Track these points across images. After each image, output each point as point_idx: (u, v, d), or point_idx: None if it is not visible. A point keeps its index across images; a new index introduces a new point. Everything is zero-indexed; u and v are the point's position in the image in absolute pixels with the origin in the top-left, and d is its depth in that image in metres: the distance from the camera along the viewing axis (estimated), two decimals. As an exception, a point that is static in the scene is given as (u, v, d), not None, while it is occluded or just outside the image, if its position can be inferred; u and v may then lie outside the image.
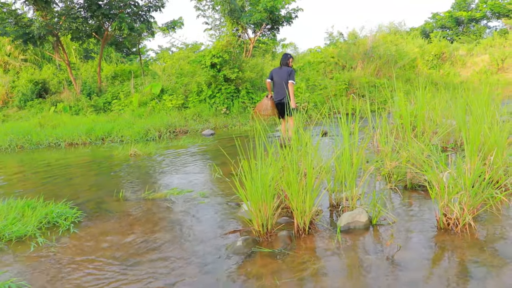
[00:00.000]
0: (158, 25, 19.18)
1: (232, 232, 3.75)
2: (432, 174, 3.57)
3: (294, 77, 8.04)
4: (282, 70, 8.15)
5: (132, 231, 3.99)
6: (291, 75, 8.02)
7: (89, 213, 4.62)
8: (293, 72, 8.08)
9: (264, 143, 3.79)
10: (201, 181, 5.83)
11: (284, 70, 8.11)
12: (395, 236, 3.44)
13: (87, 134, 10.82)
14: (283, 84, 8.03)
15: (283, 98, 8.10)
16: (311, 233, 3.62)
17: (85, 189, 5.80)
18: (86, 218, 4.47)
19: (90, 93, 16.24)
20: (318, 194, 3.84)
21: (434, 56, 24.07)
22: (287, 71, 8.06)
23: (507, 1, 32.87)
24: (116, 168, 7.06)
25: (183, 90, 15.16)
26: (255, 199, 3.48)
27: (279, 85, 8.14)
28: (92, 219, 4.44)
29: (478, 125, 4.37)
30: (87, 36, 16.62)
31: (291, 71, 8.08)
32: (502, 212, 3.79)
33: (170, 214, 4.43)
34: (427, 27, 38.41)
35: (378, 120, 6.10)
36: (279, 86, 8.13)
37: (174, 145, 9.18)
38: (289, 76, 8.02)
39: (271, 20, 16.46)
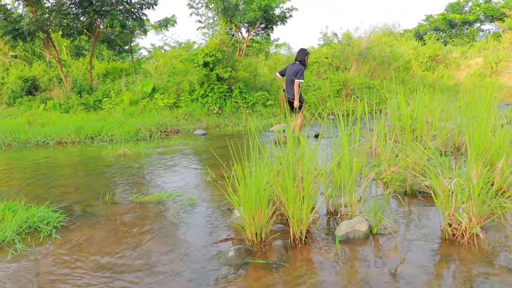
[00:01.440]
0: (150, 23, 18.91)
1: (224, 241, 3.53)
2: (436, 181, 3.38)
3: (301, 76, 7.97)
4: (293, 67, 8.11)
5: (118, 237, 3.77)
6: (298, 73, 7.95)
7: (73, 217, 4.38)
8: (301, 70, 7.99)
9: (258, 145, 3.59)
10: (192, 183, 5.61)
11: (294, 67, 8.09)
12: (397, 247, 3.24)
13: (76, 133, 10.55)
14: (291, 81, 8.08)
15: (291, 95, 8.17)
16: (307, 242, 3.41)
17: (71, 191, 5.55)
18: (70, 222, 4.23)
19: (81, 91, 15.96)
20: (315, 201, 3.64)
21: (428, 58, 23.98)
22: (296, 69, 8.01)
23: (500, 5, 33.00)
24: (104, 169, 6.82)
25: (175, 89, 14.92)
26: (249, 205, 3.27)
27: (288, 82, 8.23)
28: (76, 223, 4.20)
29: (483, 129, 4.20)
30: (78, 33, 16.32)
31: (299, 68, 7.99)
32: (510, 223, 3.61)
33: (159, 220, 4.20)
34: (421, 29, 38.44)
35: (376, 122, 5.93)
36: (288, 83, 8.24)
37: (165, 145, 8.95)
38: (297, 74, 7.96)
39: (265, 19, 16.26)
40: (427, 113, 6.61)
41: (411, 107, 6.39)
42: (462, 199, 3.19)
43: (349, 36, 21.04)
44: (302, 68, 8.05)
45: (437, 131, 6.39)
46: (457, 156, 6.04)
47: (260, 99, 14.30)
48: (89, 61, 16.69)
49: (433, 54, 24.11)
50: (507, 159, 3.92)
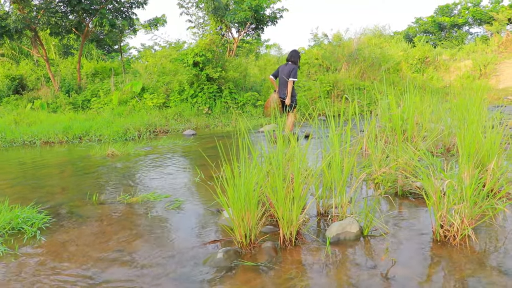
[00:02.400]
0: (140, 22, 18.78)
1: (212, 242, 3.46)
2: (428, 182, 3.34)
3: (295, 74, 8.15)
4: (286, 67, 8.28)
5: (104, 239, 3.68)
6: (292, 72, 8.12)
7: (59, 218, 4.28)
8: (295, 69, 8.16)
9: (248, 146, 3.52)
10: (180, 184, 5.53)
11: (288, 67, 8.27)
12: (389, 249, 3.19)
13: (64, 133, 10.42)
14: (285, 81, 8.23)
15: (284, 95, 8.33)
16: (298, 244, 3.34)
17: (57, 192, 5.44)
18: (56, 223, 4.13)
19: (69, 90, 15.79)
20: (306, 202, 3.58)
21: (418, 60, 24.08)
22: (289, 68, 8.22)
23: (488, 8, 33.31)
24: (91, 169, 6.72)
25: (164, 89, 14.82)
26: (238, 207, 3.20)
27: (282, 82, 8.37)
28: (61, 225, 4.11)
29: (474, 131, 4.18)
30: (67, 31, 16.14)
31: (293, 68, 8.16)
32: (501, 224, 3.58)
33: (147, 221, 4.12)
34: (411, 31, 38.65)
35: (367, 123, 5.89)
36: (282, 83, 8.38)
37: (154, 145, 8.85)
38: (290, 73, 8.12)
39: (256, 19, 16.20)
40: (417, 115, 6.58)
41: (401, 108, 6.36)
42: (454, 201, 3.15)
43: (340, 37, 21.09)
44: (295, 68, 8.19)
45: (427, 132, 6.37)
46: (448, 157, 6.02)
47: (250, 100, 14.25)
48: (78, 60, 16.52)
49: (422, 56, 24.22)
50: (498, 161, 3.89)
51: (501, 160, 4.31)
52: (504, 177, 3.99)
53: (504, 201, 3.73)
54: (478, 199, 3.23)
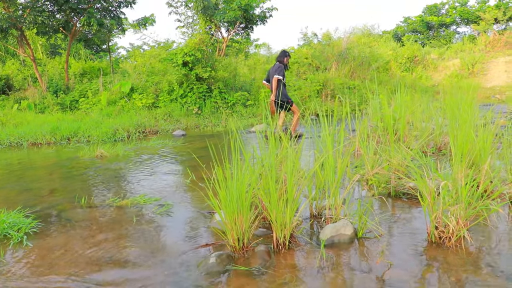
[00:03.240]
0: (129, 22, 18.64)
1: (204, 246, 3.40)
2: (422, 183, 3.30)
3: (280, 72, 8.30)
4: (273, 68, 8.52)
5: (93, 244, 3.59)
6: (277, 70, 8.31)
7: (47, 223, 4.18)
8: (280, 67, 8.34)
9: (239, 147, 3.46)
10: (171, 186, 5.45)
11: (274, 67, 8.54)
12: (384, 251, 3.15)
13: (52, 134, 10.28)
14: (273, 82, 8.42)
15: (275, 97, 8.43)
16: (291, 247, 3.29)
17: (45, 194, 5.34)
18: (44, 228, 4.03)
19: (57, 90, 15.62)
20: (299, 204, 3.53)
21: (407, 59, 24.21)
22: (274, 68, 8.42)
23: (475, 8, 33.63)
24: (80, 171, 6.62)
25: (153, 89, 14.71)
26: (230, 210, 3.13)
27: (272, 84, 8.52)
28: (49, 229, 4.01)
29: (466, 131, 4.16)
30: (54, 31, 15.96)
31: (278, 66, 8.36)
32: (495, 225, 3.56)
33: (137, 225, 4.04)
34: (399, 30, 38.86)
35: (358, 122, 5.86)
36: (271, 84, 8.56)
37: (144, 146, 8.76)
38: (275, 71, 8.31)
39: (245, 18, 16.16)
40: (408, 114, 6.57)
41: (393, 107, 6.34)
42: (450, 202, 3.12)
43: (329, 36, 21.09)
44: (280, 66, 8.36)
45: (418, 131, 6.36)
46: (439, 156, 6.01)
47: (240, 99, 14.19)
48: (66, 60, 16.36)
49: (411, 55, 24.35)
50: (491, 161, 3.87)
51: (493, 159, 4.30)
52: (497, 177, 3.97)
53: (498, 201, 3.70)
54: (473, 200, 3.20)
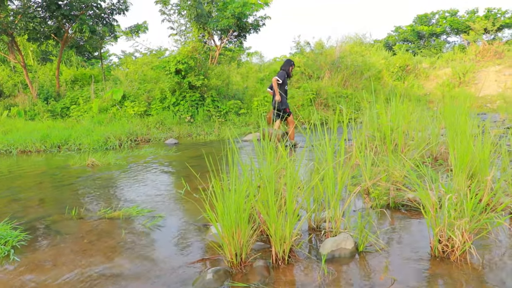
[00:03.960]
0: (121, 29, 18.53)
1: (201, 261, 3.28)
2: (425, 195, 3.21)
3: (280, 76, 8.60)
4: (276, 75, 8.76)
5: (84, 258, 3.46)
6: (278, 74, 8.65)
7: (35, 235, 4.04)
8: (280, 72, 8.67)
9: (236, 157, 3.36)
10: (164, 197, 5.33)
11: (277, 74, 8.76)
12: (387, 267, 3.05)
13: (42, 141, 10.13)
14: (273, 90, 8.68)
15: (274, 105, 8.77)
16: (291, 262, 3.18)
17: (34, 205, 5.19)
18: (32, 241, 3.88)
19: (48, 97, 15.45)
20: (299, 218, 3.43)
21: (399, 68, 24.27)
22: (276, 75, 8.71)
23: (464, 18, 34.01)
24: (71, 180, 6.48)
25: (145, 97, 14.58)
26: (228, 223, 3.02)
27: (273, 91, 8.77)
28: (38, 242, 3.87)
29: (466, 141, 4.09)
30: (46, 37, 15.81)
31: (280, 73, 8.70)
32: (499, 238, 3.48)
33: (129, 238, 3.91)
34: (390, 39, 39.11)
35: (355, 132, 5.79)
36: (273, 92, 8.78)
37: (136, 155, 8.62)
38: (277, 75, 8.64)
39: (238, 27, 16.11)
40: (405, 123, 6.51)
41: (389, 116, 6.28)
42: (454, 215, 3.03)
43: (322, 45, 21.10)
44: (283, 72, 8.68)
45: (413, 140, 6.30)
46: (435, 166, 5.94)
47: (233, 108, 14.10)
48: (57, 67, 16.20)
49: (403, 64, 24.43)
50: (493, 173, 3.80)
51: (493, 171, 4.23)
52: (500, 190, 3.90)
53: (503, 214, 3.63)
54: (476, 213, 3.12)
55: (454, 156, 4.18)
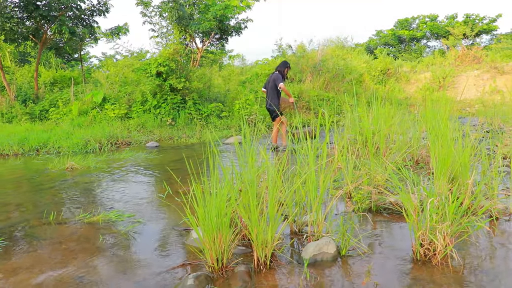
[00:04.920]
0: (101, 31, 18.33)
1: (181, 266, 3.23)
2: (406, 199, 3.21)
3: (280, 80, 8.72)
4: (272, 76, 8.90)
5: (62, 264, 3.38)
6: (278, 80, 8.69)
7: (12, 241, 3.94)
8: (279, 77, 8.75)
9: (217, 160, 3.32)
10: (144, 201, 5.25)
11: (273, 76, 8.89)
12: (370, 271, 3.03)
13: (20, 144, 9.93)
14: (271, 90, 8.81)
15: (268, 104, 8.94)
16: (273, 267, 3.15)
17: (11, 210, 5.07)
18: (8, 247, 3.79)
19: (26, 99, 15.19)
20: (281, 222, 3.40)
21: (380, 71, 24.47)
22: (274, 78, 8.81)
23: (444, 23, 34.57)
24: (49, 184, 6.35)
25: (126, 99, 14.43)
26: (209, 228, 2.98)
27: (268, 91, 8.93)
28: (14, 248, 3.77)
29: (447, 145, 4.12)
30: (24, 38, 15.53)
31: (277, 76, 8.77)
32: (480, 241, 3.50)
33: (109, 243, 3.84)
34: (372, 43, 39.51)
35: (337, 135, 5.79)
36: (268, 92, 8.94)
37: (116, 158, 8.51)
38: (276, 81, 8.71)
39: (220, 29, 16.06)
40: (386, 127, 6.54)
41: (371, 120, 6.30)
42: (436, 219, 3.04)
43: (303, 48, 21.15)
44: (280, 76, 8.77)
45: (395, 144, 6.33)
46: (417, 169, 5.98)
47: (215, 111, 14.05)
48: (35, 69, 15.94)
49: (384, 68, 24.64)
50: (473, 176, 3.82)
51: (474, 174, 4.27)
52: (480, 193, 3.93)
53: (483, 217, 3.66)
54: (457, 216, 3.13)
55: (435, 159, 4.20)
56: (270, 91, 8.85)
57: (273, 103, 8.79)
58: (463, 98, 22.38)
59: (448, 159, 4.04)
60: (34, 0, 13.89)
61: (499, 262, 3.14)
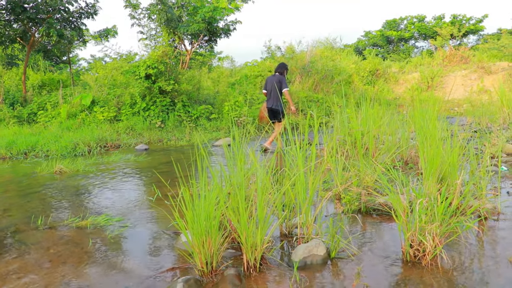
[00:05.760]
0: (90, 33, 18.24)
1: (171, 270, 3.21)
2: (396, 200, 3.22)
3: (286, 84, 8.89)
4: (274, 78, 8.96)
5: (50, 270, 3.34)
6: (283, 83, 8.83)
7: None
8: (284, 80, 8.88)
9: (206, 163, 3.31)
10: (133, 204, 5.22)
11: (276, 78, 8.94)
12: (359, 273, 3.04)
13: (8, 148, 9.83)
14: (275, 92, 8.83)
15: (273, 105, 8.94)
16: (262, 270, 3.14)
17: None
18: (-5, 252, 3.76)
19: (14, 102, 15.04)
20: (270, 225, 3.39)
21: (369, 72, 24.59)
22: (279, 79, 8.88)
23: (431, 24, 34.86)
24: (37, 188, 6.29)
25: (115, 102, 14.35)
26: (198, 232, 2.96)
27: (271, 92, 8.94)
28: (1, 254, 3.72)
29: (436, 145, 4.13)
30: (11, 41, 15.41)
31: (282, 78, 8.87)
32: (469, 241, 3.52)
33: (97, 247, 3.81)
34: (360, 44, 39.72)
35: (326, 137, 5.80)
36: (270, 93, 8.96)
37: (105, 161, 8.46)
38: (282, 84, 8.83)
39: (209, 31, 16.04)
40: (374, 127, 6.56)
41: (360, 121, 6.32)
42: (425, 219, 3.05)
43: (292, 49, 21.18)
44: (283, 78, 8.89)
45: (384, 145, 6.35)
46: (406, 170, 6.01)
47: (204, 113, 14.02)
48: (23, 72, 15.79)
49: (373, 68, 24.77)
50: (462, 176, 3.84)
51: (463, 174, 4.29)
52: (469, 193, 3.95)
53: (472, 217, 3.68)
54: (446, 217, 3.15)
55: (424, 159, 4.22)
56: (274, 92, 8.88)
57: (278, 105, 8.91)
58: (451, 98, 22.54)
59: (436, 159, 4.05)
60: (21, 3, 13.76)
61: (488, 262, 3.15)
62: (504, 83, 19.21)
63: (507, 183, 5.40)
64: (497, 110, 10.87)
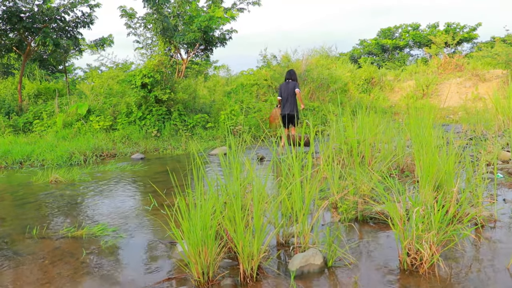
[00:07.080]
0: (86, 42, 18.25)
1: (167, 280, 3.19)
2: (393, 209, 3.22)
3: (298, 86, 9.35)
4: (289, 85, 9.33)
5: (45, 281, 3.31)
6: (297, 86, 9.31)
7: (-7, 256, 3.88)
8: (298, 85, 9.36)
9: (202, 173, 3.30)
10: (129, 214, 5.19)
11: (291, 85, 9.31)
12: (357, 282, 3.02)
13: (3, 157, 9.80)
14: (291, 98, 9.23)
15: (290, 111, 9.26)
16: (259, 279, 3.12)
17: (-7, 225, 4.99)
18: (-11, 263, 3.73)
19: (9, 112, 15.01)
20: (267, 234, 3.38)
21: (364, 80, 24.69)
22: (293, 85, 9.29)
23: (426, 32, 35.11)
24: (32, 198, 6.26)
25: (111, 111, 14.34)
26: (194, 241, 2.95)
27: (287, 99, 9.29)
28: (-4, 264, 3.71)
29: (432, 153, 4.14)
30: (7, 50, 15.41)
31: (296, 84, 9.32)
32: (466, 249, 3.51)
33: (93, 257, 3.78)
34: (355, 52, 39.87)
35: (322, 145, 5.80)
36: (287, 100, 9.29)
37: (101, 171, 8.43)
38: (295, 87, 9.24)
39: (205, 40, 16.07)
40: (370, 135, 6.57)
41: (356, 129, 6.32)
42: (422, 228, 3.05)
43: (288, 58, 21.24)
44: (297, 84, 9.38)
45: (381, 153, 6.35)
46: (402, 178, 6.01)
47: (200, 122, 14.02)
48: (19, 81, 15.77)
49: (368, 77, 24.88)
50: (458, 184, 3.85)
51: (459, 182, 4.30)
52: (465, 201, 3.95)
53: (469, 225, 3.68)
54: (443, 225, 3.15)
55: (420, 167, 4.23)
56: (290, 98, 9.26)
57: (295, 110, 9.27)
58: (447, 106, 22.62)
59: (432, 167, 4.06)
60: (17, 12, 13.77)
61: (485, 270, 3.15)
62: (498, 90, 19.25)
63: (503, 190, 5.41)
64: (492, 117, 10.91)
